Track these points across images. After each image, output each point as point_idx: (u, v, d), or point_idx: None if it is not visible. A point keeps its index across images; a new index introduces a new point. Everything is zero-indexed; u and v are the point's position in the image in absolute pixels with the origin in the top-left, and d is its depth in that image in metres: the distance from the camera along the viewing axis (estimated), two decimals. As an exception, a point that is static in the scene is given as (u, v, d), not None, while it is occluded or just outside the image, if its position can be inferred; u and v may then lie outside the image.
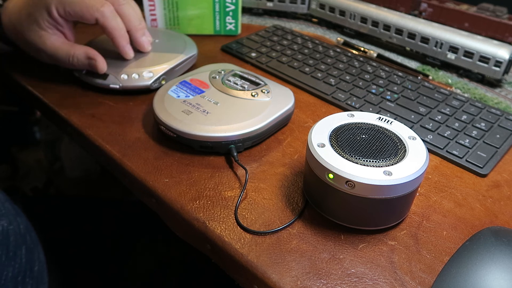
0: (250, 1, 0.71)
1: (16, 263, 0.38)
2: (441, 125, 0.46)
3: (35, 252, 0.41)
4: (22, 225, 0.41)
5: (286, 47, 0.60)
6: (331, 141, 0.33)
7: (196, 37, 0.61)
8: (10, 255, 0.37)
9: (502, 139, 0.44)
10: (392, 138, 0.34)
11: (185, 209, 0.35)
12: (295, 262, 0.31)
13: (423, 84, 0.53)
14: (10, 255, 0.37)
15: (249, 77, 0.46)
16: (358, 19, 0.65)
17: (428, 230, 0.34)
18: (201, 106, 0.41)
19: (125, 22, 0.46)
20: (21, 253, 0.39)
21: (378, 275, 0.30)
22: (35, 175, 0.86)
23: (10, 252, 0.37)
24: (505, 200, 0.38)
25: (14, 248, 0.38)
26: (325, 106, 0.49)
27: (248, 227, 0.33)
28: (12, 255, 0.38)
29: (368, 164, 0.31)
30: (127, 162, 0.39)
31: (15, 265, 0.37)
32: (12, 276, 0.37)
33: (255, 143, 0.42)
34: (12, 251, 0.38)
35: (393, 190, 0.30)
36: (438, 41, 0.57)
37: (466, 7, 0.60)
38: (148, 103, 0.47)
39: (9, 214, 0.40)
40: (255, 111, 0.41)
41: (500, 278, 0.27)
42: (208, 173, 0.38)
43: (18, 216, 0.41)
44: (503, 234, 0.30)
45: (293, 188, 0.37)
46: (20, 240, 0.39)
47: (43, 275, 0.42)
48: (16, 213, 0.41)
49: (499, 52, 0.53)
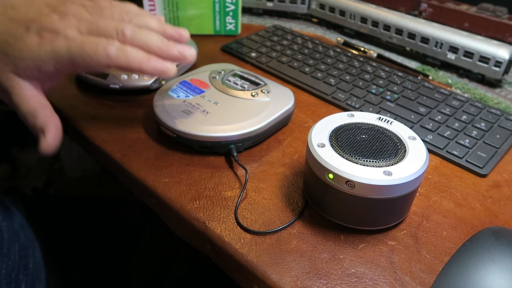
0: (250, 1, 0.71)
1: (9, 260, 0.37)
2: (441, 125, 0.46)
3: (29, 249, 0.41)
4: (15, 222, 0.40)
5: (286, 47, 0.60)
6: (331, 141, 0.33)
7: (196, 37, 0.61)
8: (4, 251, 0.37)
9: (502, 139, 0.44)
10: (392, 138, 0.34)
11: (185, 209, 0.35)
12: (295, 262, 0.31)
13: (423, 84, 0.53)
14: (4, 251, 0.37)
15: (249, 77, 0.46)
16: (358, 19, 0.65)
17: (428, 230, 0.34)
18: (201, 106, 0.41)
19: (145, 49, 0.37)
20: (14, 250, 0.38)
21: (378, 275, 0.30)
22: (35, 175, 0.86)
23: (4, 249, 0.37)
24: (505, 200, 0.38)
25: (8, 245, 0.38)
26: (325, 106, 0.49)
27: (248, 227, 0.33)
28: (6, 251, 0.37)
29: (368, 164, 0.31)
30: (127, 162, 0.39)
31: (8, 262, 0.37)
32: (6, 273, 0.37)
33: (255, 143, 0.42)
34: (5, 247, 0.38)
35: (393, 190, 0.30)
36: (438, 41, 0.57)
37: (466, 7, 0.60)
38: (148, 103, 0.47)
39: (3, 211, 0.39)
40: (255, 111, 0.41)
41: (500, 278, 0.27)
42: (208, 173, 0.38)
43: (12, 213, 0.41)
44: (503, 234, 0.30)
45: (293, 188, 0.37)
46: (14, 237, 0.39)
47: (39, 272, 0.42)
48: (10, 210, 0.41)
49: (499, 52, 0.53)
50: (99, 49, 0.35)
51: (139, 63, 0.36)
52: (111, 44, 0.36)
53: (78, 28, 0.36)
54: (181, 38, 0.40)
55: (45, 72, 0.36)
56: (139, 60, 0.36)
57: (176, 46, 0.38)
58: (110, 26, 0.37)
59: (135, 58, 0.36)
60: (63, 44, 0.35)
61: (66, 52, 0.35)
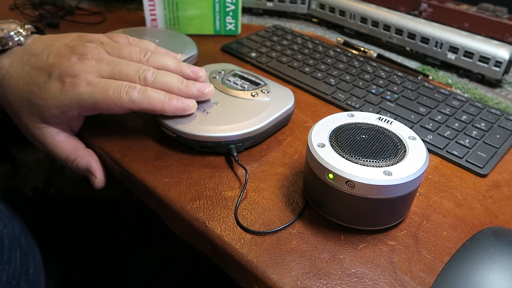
0: (250, 1, 0.71)
1: (10, 267, 0.37)
2: (441, 125, 0.46)
3: (30, 254, 0.41)
4: (16, 227, 0.40)
5: (286, 47, 0.60)
6: (331, 141, 0.33)
7: (196, 37, 0.61)
8: (5, 258, 0.37)
9: (502, 139, 0.44)
10: (392, 138, 0.34)
11: (185, 209, 0.35)
12: (295, 262, 0.31)
13: (423, 84, 0.53)
14: (5, 258, 0.37)
15: (249, 77, 0.46)
16: (358, 19, 0.65)
17: (428, 230, 0.34)
18: (201, 106, 0.41)
19: (165, 90, 0.38)
20: (15, 257, 0.38)
21: (378, 275, 0.30)
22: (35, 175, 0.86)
23: (5, 256, 0.37)
24: (505, 200, 0.38)
25: (9, 252, 0.38)
26: (325, 106, 0.49)
27: (248, 227, 0.33)
28: (7, 258, 0.37)
29: (368, 164, 0.31)
30: (127, 162, 0.39)
31: (9, 269, 0.37)
32: (7, 280, 0.36)
33: (255, 143, 0.42)
34: (6, 254, 0.37)
35: (393, 190, 0.30)
36: (438, 41, 0.57)
37: (466, 7, 0.60)
38: (148, 103, 0.47)
39: (3, 217, 0.39)
40: (255, 111, 0.41)
41: (500, 278, 0.27)
42: (208, 173, 0.38)
43: (12, 219, 0.40)
44: (503, 234, 0.30)
45: (293, 188, 0.37)
46: (15, 243, 0.39)
47: (39, 277, 0.42)
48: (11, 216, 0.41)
49: (499, 52, 0.53)
50: (122, 94, 0.36)
51: (161, 105, 0.37)
52: (133, 88, 0.36)
53: (99, 71, 0.37)
54: (198, 78, 0.41)
55: (70, 116, 0.37)
56: (161, 102, 0.37)
57: (195, 85, 0.39)
58: (132, 70, 0.37)
59: (156, 100, 0.37)
60: (86, 90, 0.36)
61: (89, 98, 0.36)
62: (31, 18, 0.66)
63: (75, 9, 0.69)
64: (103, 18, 0.68)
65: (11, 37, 0.38)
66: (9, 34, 0.38)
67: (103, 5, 0.72)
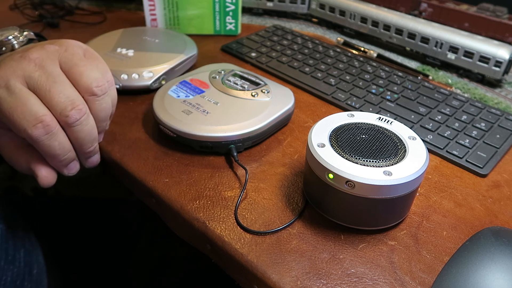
0: (250, 1, 0.71)
1: (15, 267, 0.37)
2: (441, 125, 0.46)
3: (33, 254, 0.41)
4: (20, 227, 0.40)
5: (286, 47, 0.60)
6: (331, 141, 0.33)
7: (196, 37, 0.61)
8: (9, 259, 0.37)
9: (502, 139, 0.44)
10: (392, 138, 0.34)
11: (185, 209, 0.35)
12: (295, 262, 0.31)
13: (423, 84, 0.53)
14: (9, 259, 0.37)
15: (249, 77, 0.46)
16: (358, 19, 0.65)
17: (428, 230, 0.34)
18: (201, 106, 0.41)
19: (74, 145, 0.33)
20: (20, 257, 0.38)
21: (378, 275, 0.30)
22: (35, 175, 0.86)
23: (9, 256, 0.37)
24: (505, 200, 0.38)
25: (13, 252, 0.38)
26: (325, 106, 0.49)
27: (248, 227, 0.33)
28: (11, 259, 0.37)
29: (368, 164, 0.31)
30: (127, 162, 0.39)
31: (13, 269, 0.37)
32: (11, 280, 0.37)
33: (255, 143, 0.42)
34: (11, 254, 0.37)
35: (393, 190, 0.30)
36: (438, 41, 0.57)
37: (466, 7, 0.60)
38: (148, 103, 0.47)
39: (8, 217, 0.39)
40: (255, 111, 0.41)
41: (500, 278, 0.27)
42: (208, 173, 0.38)
43: (17, 219, 0.41)
44: (503, 234, 0.30)
45: (293, 188, 0.37)
46: (19, 244, 0.39)
47: (42, 277, 0.42)
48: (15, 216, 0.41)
49: (499, 52, 0.53)
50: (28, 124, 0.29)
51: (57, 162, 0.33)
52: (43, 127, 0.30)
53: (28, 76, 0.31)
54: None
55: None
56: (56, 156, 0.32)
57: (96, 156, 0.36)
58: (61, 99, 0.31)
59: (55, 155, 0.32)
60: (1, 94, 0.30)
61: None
62: (31, 18, 0.66)
63: (75, 9, 0.69)
64: (103, 18, 0.68)
65: (9, 40, 0.37)
66: (7, 38, 0.37)
67: (103, 5, 0.72)
